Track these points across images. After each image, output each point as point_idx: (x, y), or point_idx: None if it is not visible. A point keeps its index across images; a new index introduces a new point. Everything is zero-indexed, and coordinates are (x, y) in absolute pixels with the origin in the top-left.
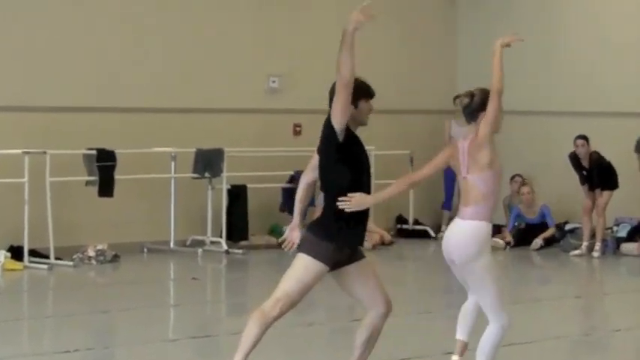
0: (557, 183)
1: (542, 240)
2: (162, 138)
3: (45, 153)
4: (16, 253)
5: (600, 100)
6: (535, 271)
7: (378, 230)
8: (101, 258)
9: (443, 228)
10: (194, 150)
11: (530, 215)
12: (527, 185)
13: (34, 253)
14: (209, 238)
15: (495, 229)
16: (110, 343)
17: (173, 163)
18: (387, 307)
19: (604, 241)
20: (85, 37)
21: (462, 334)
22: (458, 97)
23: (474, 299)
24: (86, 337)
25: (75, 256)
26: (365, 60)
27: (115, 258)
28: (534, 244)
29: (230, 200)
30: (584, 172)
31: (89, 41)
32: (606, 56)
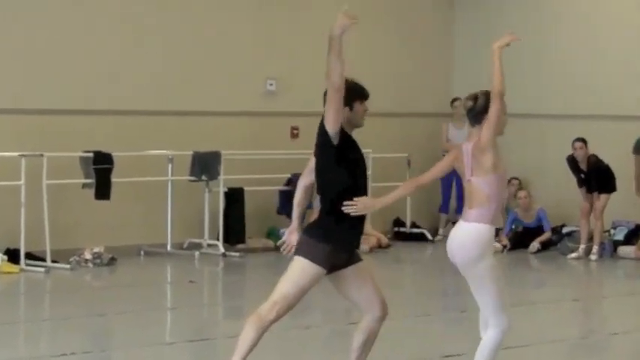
0: (555, 186)
1: (539, 243)
2: (159, 141)
3: (42, 155)
4: (13, 256)
5: (597, 103)
6: (532, 274)
7: (375, 233)
8: (98, 261)
9: (440, 231)
10: (191, 153)
11: (527, 219)
12: (523, 190)
13: (30, 256)
14: (206, 241)
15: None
16: (107, 346)
17: (170, 165)
18: (384, 310)
19: (601, 244)
20: (82, 40)
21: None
22: (455, 99)
23: None
24: (83, 340)
25: (71, 259)
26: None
27: (112, 261)
28: (532, 247)
29: (227, 203)
30: (582, 174)
31: (86, 44)
32: (603, 59)
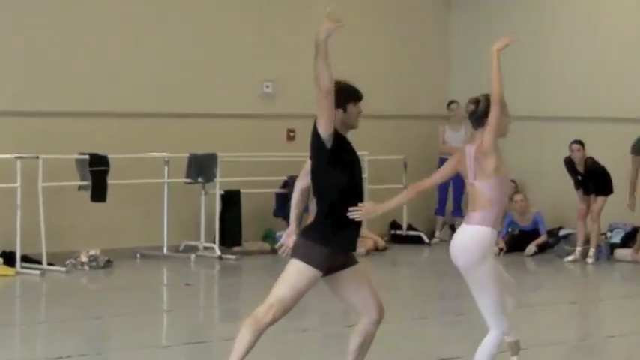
0: (551, 189)
1: (536, 246)
2: (155, 143)
3: (37, 158)
4: (9, 258)
5: (595, 106)
6: (529, 277)
7: (371, 236)
8: (94, 263)
9: (437, 234)
10: (187, 155)
11: (524, 223)
12: (520, 193)
13: (26, 258)
14: (202, 243)
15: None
16: (103, 348)
17: (166, 168)
18: (380, 313)
19: (598, 247)
20: (78, 43)
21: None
22: (452, 102)
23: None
24: (79, 343)
25: (67, 262)
26: (359, 64)
27: (108, 263)
28: (528, 250)
29: (223, 205)
30: (579, 177)
31: (82, 47)
32: (601, 60)
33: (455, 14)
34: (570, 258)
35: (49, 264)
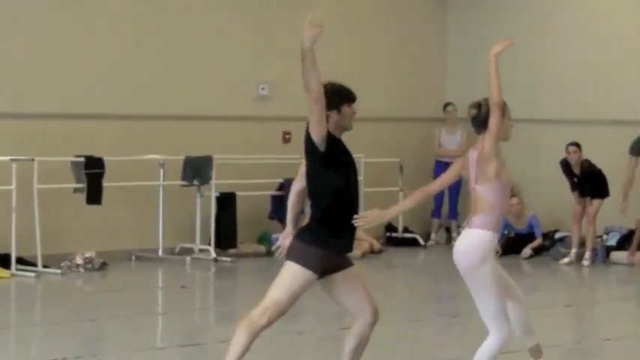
0: (547, 192)
1: (531, 249)
2: (150, 145)
3: (33, 160)
4: (4, 260)
5: (590, 108)
6: (525, 280)
7: (367, 238)
8: (89, 266)
9: (432, 236)
10: (183, 157)
11: (519, 226)
12: (516, 196)
13: (21, 260)
14: (198, 245)
15: None
16: (98, 350)
17: (162, 170)
18: (375, 315)
19: (594, 250)
20: (73, 46)
21: (526, 338)
22: (448, 104)
23: (513, 307)
24: (74, 345)
25: (63, 264)
26: (355, 67)
27: (103, 266)
28: (524, 253)
29: (219, 208)
30: (575, 178)
31: (77, 50)
32: (597, 63)
33: (451, 17)
34: (566, 260)
35: (44, 266)
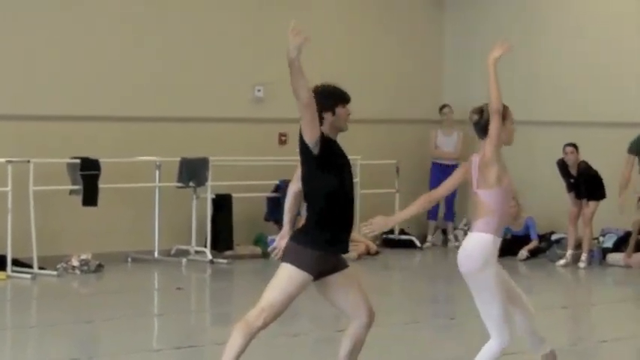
0: (544, 194)
1: (527, 251)
2: (146, 147)
3: (28, 162)
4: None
5: (587, 110)
6: (521, 281)
7: (363, 240)
8: (85, 267)
9: (429, 238)
10: (179, 159)
11: (516, 227)
12: (512, 199)
13: (17, 262)
14: (193, 247)
15: None
16: (94, 353)
17: (157, 172)
18: (370, 317)
19: (590, 252)
20: (69, 48)
21: (537, 349)
22: (444, 106)
23: (521, 318)
24: (70, 347)
25: (59, 266)
26: (352, 69)
27: (99, 267)
28: (520, 254)
29: (215, 210)
30: (571, 179)
31: (73, 51)
32: (594, 64)
33: (448, 18)
34: (562, 262)
35: (40, 268)
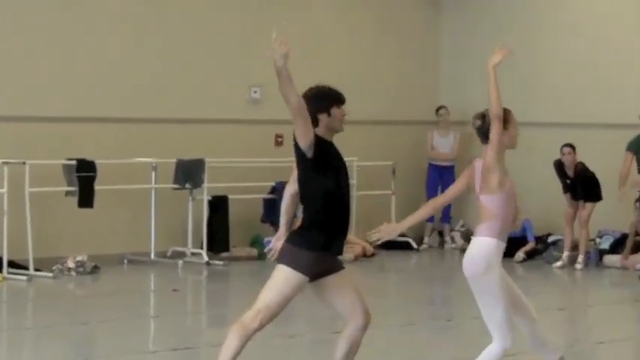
0: (541, 195)
1: (524, 253)
2: (142, 148)
3: (24, 163)
4: None
5: (584, 112)
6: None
7: (360, 242)
8: (81, 269)
9: (425, 240)
10: (175, 160)
11: (513, 229)
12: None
13: (13, 264)
14: (190, 249)
15: None
16: (90, 354)
17: (153, 173)
18: (366, 318)
19: (587, 253)
20: (65, 49)
21: (541, 352)
22: (440, 107)
23: (525, 323)
24: (66, 349)
25: (54, 268)
26: (348, 70)
27: (95, 269)
28: (517, 256)
29: (211, 211)
30: (568, 180)
31: (70, 52)
32: (591, 65)
33: (444, 20)
34: (558, 264)
35: (35, 270)
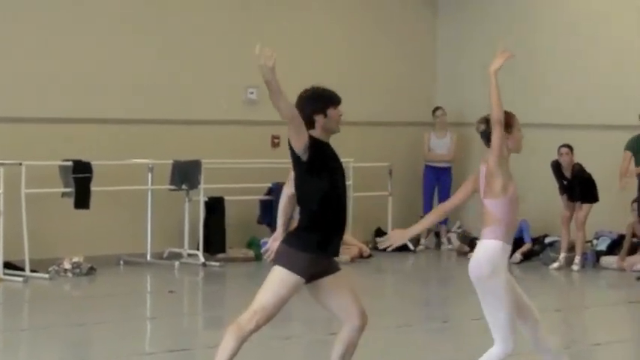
0: (538, 197)
1: (521, 254)
2: (139, 149)
3: (20, 164)
4: None
5: (582, 113)
6: None
7: (356, 243)
8: (77, 270)
9: (422, 241)
10: (171, 162)
11: None
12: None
13: (9, 265)
14: (186, 250)
15: (474, 242)
16: (86, 356)
17: (150, 174)
18: (362, 320)
19: (584, 255)
20: (61, 49)
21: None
22: (437, 109)
23: (529, 326)
24: (62, 350)
25: (51, 269)
26: (344, 71)
27: (91, 270)
28: (514, 257)
29: (207, 212)
30: (564, 181)
31: (65, 52)
32: (589, 66)
33: (440, 22)
34: (555, 265)
35: (31, 271)
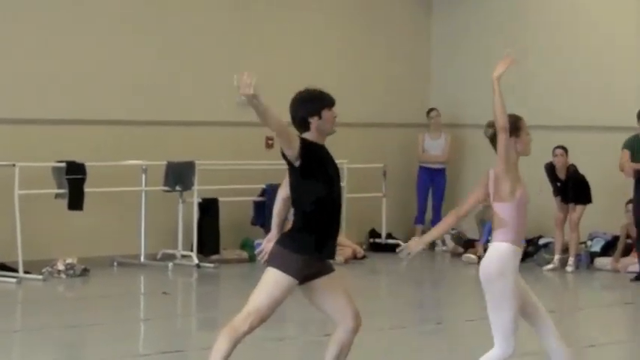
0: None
1: None
2: (132, 151)
3: (14, 165)
4: None
5: (576, 114)
6: None
7: (350, 244)
8: (71, 272)
9: None
10: (165, 163)
11: None
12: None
13: (2, 266)
14: (180, 251)
15: (468, 243)
16: (80, 357)
17: (144, 176)
18: (356, 321)
19: (578, 256)
20: (55, 49)
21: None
22: (431, 110)
23: (542, 329)
24: (55, 352)
25: (44, 270)
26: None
27: (85, 272)
28: None
29: (201, 214)
30: (558, 183)
31: (59, 53)
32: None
33: (434, 23)
34: (549, 266)
35: (25, 272)
